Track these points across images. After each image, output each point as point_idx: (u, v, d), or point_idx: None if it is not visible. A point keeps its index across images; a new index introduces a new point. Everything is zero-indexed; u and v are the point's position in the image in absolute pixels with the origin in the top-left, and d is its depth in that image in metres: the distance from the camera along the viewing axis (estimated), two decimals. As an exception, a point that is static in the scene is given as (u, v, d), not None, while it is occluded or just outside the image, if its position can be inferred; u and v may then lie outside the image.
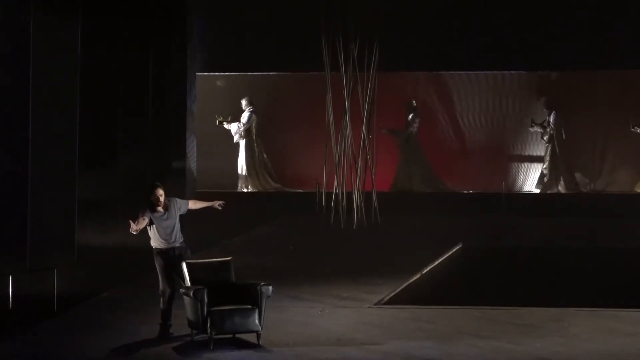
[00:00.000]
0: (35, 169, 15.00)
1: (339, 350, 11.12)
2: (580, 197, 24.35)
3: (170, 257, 11.93)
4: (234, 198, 23.69)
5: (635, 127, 24.51)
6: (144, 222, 11.79)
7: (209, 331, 11.21)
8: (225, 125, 25.06)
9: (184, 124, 22.22)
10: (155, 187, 11.96)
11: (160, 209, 11.92)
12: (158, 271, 12.02)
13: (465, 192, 25.06)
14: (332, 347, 11.29)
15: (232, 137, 25.24)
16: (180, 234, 12.06)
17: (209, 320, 11.19)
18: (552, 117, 24.93)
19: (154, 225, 11.91)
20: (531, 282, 16.18)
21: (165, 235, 11.92)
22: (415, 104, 25.33)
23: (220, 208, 12.41)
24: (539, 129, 24.95)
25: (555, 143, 24.89)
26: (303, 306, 13.68)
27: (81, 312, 13.46)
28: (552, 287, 15.74)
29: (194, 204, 12.37)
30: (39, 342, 11.65)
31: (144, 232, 11.91)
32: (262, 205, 23.85)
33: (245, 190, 25.13)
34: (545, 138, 25.06)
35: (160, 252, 11.95)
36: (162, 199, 11.92)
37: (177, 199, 12.20)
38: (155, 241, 11.96)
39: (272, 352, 11.12)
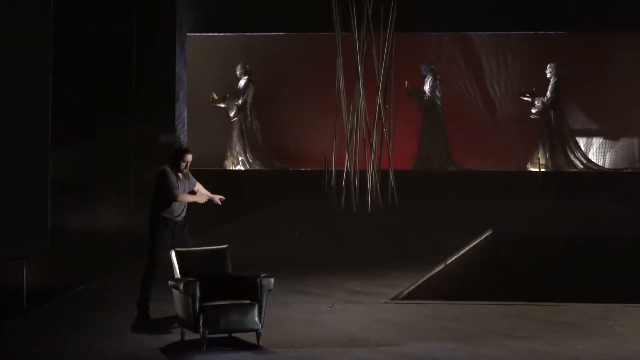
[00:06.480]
0: (1, 145, 14.99)
1: (350, 352, 11.14)
2: (630, 177, 24.35)
3: (170, 229, 12.57)
4: (230, 177, 23.87)
5: (526, 95, 24.87)
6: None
7: (201, 330, 11.22)
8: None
9: (172, 92, 22.20)
10: (186, 152, 12.74)
11: (181, 176, 12.58)
12: (152, 241, 12.53)
13: (495, 170, 25.02)
14: (342, 348, 11.31)
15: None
16: (185, 209, 12.72)
17: (201, 318, 11.21)
18: (428, 82, 25.06)
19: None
20: (571, 275, 16.29)
21: (175, 204, 12.54)
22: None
23: (220, 203, 13.05)
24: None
25: (434, 112, 25.13)
26: (309, 302, 13.76)
27: (54, 308, 13.52)
28: (595, 280, 15.80)
29: (200, 187, 12.92)
30: (5, 343, 11.66)
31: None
32: (263, 186, 23.89)
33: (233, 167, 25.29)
34: (421, 107, 25.27)
35: (163, 220, 12.55)
36: (189, 165, 12.60)
37: (192, 175, 12.82)
38: (162, 207, 12.51)
39: (274, 354, 11.13)
